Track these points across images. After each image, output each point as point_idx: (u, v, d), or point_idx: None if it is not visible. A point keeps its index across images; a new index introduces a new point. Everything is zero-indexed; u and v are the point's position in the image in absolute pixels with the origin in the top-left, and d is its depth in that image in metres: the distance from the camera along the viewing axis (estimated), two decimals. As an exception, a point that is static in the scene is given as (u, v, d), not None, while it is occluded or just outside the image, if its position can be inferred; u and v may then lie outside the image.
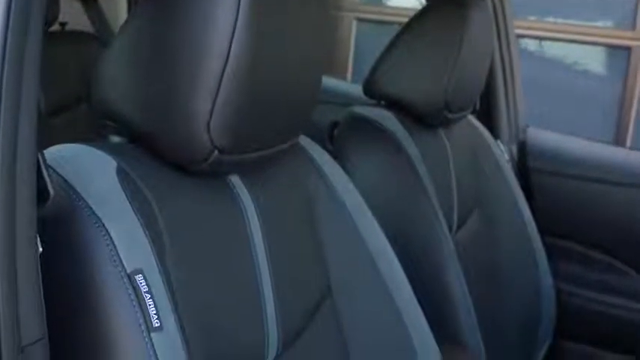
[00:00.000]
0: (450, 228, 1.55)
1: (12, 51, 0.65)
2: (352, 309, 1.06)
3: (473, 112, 1.76)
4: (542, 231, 1.81)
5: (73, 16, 2.52)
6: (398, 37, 1.54)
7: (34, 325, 0.69)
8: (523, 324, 1.73)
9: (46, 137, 0.80)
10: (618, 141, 3.25)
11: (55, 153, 0.83)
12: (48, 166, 0.74)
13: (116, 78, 0.86)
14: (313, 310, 1.03)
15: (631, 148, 2.59)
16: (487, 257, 1.69)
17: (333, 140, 1.49)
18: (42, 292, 0.71)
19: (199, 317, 0.85)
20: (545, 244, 1.80)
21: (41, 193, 0.72)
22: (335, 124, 1.50)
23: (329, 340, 1.04)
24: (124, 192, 0.81)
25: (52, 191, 0.73)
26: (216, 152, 0.85)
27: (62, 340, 0.75)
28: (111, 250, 0.76)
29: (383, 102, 1.55)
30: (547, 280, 1.77)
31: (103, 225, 0.77)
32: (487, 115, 1.97)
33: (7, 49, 0.65)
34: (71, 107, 2.28)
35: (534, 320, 1.75)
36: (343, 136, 1.48)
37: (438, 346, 1.11)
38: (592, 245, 1.94)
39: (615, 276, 1.91)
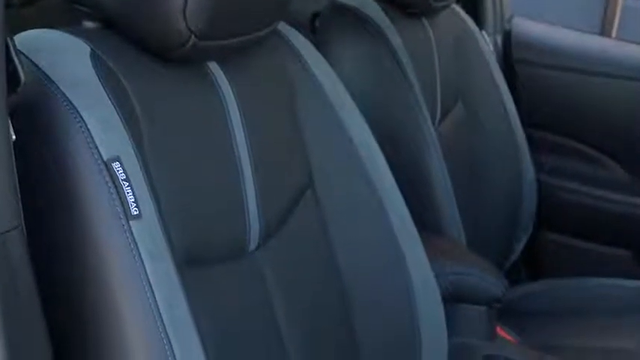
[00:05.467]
0: (433, 119, 1.54)
1: None
2: (333, 197, 1.05)
3: (457, 2, 1.73)
4: (526, 122, 1.80)
5: None
6: None
7: (9, 213, 0.68)
8: (504, 215, 1.75)
9: (17, 28, 0.77)
10: (604, 32, 3.21)
11: (25, 39, 0.80)
12: (18, 52, 0.71)
13: None
14: (295, 199, 1.02)
15: (617, 39, 2.57)
16: (469, 148, 1.69)
17: (315, 31, 1.46)
18: (16, 181, 0.70)
19: (179, 206, 0.84)
20: (528, 135, 1.80)
21: (12, 80, 0.70)
22: (316, 15, 1.47)
23: (311, 229, 1.04)
24: (99, 77, 0.79)
25: (22, 77, 0.71)
26: (193, 38, 0.83)
27: (39, 230, 0.75)
28: (86, 137, 0.75)
29: (366, -10, 1.52)
30: (529, 171, 1.78)
31: (77, 111, 0.75)
32: (472, 4, 1.93)
33: None
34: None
35: (515, 211, 1.76)
36: (325, 26, 1.45)
37: (419, 233, 1.12)
38: (575, 137, 1.94)
39: (598, 168, 1.91)
